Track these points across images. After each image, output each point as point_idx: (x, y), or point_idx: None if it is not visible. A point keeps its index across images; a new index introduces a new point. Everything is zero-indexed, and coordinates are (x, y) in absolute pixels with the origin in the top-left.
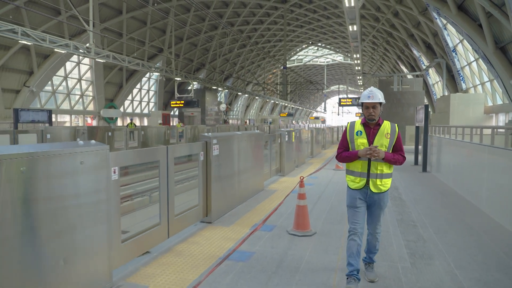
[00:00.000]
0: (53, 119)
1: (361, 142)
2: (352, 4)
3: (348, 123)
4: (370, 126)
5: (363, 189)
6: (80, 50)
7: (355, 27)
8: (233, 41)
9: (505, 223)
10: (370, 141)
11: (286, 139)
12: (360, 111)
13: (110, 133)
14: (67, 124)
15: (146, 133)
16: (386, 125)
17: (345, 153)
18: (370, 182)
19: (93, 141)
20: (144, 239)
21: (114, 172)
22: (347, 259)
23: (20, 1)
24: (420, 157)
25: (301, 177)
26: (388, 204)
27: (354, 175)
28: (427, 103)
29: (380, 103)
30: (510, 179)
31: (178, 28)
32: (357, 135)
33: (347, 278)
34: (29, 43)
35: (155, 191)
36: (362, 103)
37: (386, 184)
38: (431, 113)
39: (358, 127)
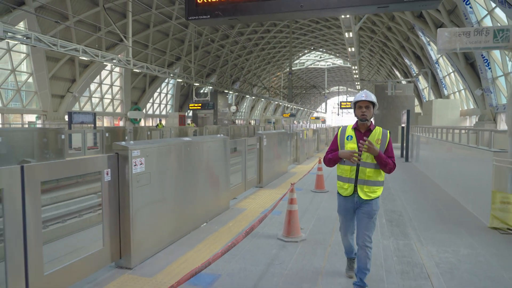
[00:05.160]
0: None
1: (351, 147)
2: (351, 36)
3: (340, 127)
4: (361, 131)
5: (351, 196)
6: (121, 62)
7: (353, 49)
8: (241, 48)
9: (444, 186)
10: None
11: (301, 136)
12: None
13: (149, 132)
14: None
15: (176, 132)
16: (377, 131)
17: (329, 155)
18: (358, 188)
19: (221, 135)
20: (235, 189)
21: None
22: (346, 254)
23: (70, 21)
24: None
25: (319, 158)
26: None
27: (343, 180)
28: (410, 108)
29: (373, 104)
30: (449, 161)
31: (195, 38)
32: (347, 139)
33: (348, 260)
34: (87, 59)
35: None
36: (355, 103)
37: (375, 191)
38: (421, 114)
39: (349, 132)
